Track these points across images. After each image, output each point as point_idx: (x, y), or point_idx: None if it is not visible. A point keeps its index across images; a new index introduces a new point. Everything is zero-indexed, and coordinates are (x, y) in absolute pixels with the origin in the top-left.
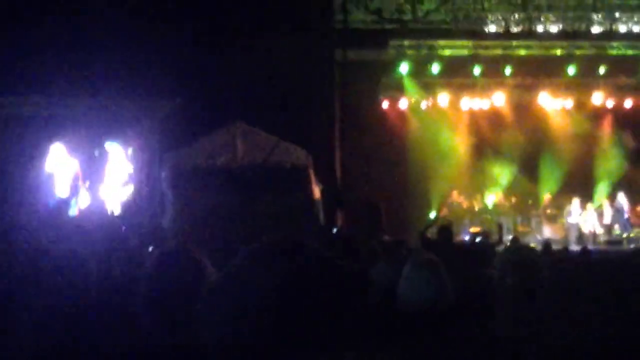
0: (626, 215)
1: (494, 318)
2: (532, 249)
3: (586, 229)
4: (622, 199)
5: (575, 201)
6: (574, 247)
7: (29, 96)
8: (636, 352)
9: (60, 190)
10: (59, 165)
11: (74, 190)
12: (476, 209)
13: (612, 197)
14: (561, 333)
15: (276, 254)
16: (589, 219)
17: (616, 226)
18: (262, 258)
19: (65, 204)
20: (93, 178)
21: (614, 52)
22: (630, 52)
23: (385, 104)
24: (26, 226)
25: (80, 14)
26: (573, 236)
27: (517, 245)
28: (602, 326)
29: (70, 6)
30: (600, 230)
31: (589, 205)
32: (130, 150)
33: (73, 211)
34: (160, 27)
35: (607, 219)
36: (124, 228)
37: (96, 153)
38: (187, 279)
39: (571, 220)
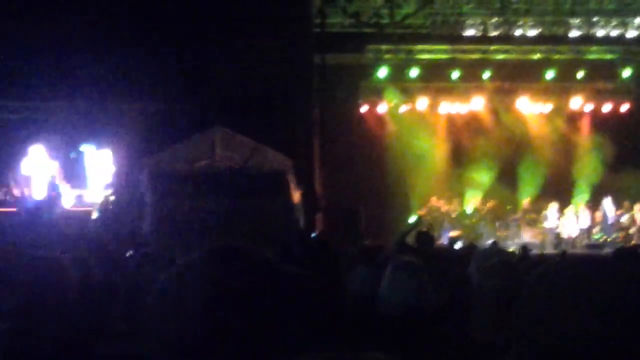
0: (611, 221)
1: (473, 322)
2: (509, 253)
3: (565, 234)
4: (607, 204)
5: (553, 206)
6: (552, 251)
7: (9, 100)
8: (616, 355)
9: (38, 192)
10: (37, 167)
11: (52, 192)
12: (455, 213)
13: (595, 202)
14: (539, 337)
15: (216, 261)
16: (567, 223)
17: (595, 230)
18: (201, 265)
19: (42, 205)
20: (73, 181)
21: (592, 56)
22: (608, 56)
23: (364, 108)
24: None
25: (59, 19)
26: (551, 240)
27: (495, 250)
28: (581, 331)
29: (50, 11)
30: (578, 234)
31: (568, 210)
32: (109, 154)
33: (51, 213)
34: (140, 32)
35: (586, 223)
36: (103, 232)
37: (72, 155)
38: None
39: (549, 224)
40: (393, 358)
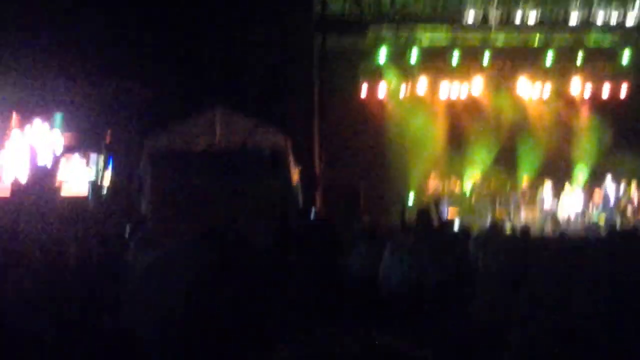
0: (612, 203)
1: (475, 301)
2: (510, 234)
3: (564, 214)
4: (609, 184)
5: (547, 184)
6: (549, 232)
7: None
8: (617, 333)
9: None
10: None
11: (46, 172)
12: (454, 193)
13: (593, 183)
14: (540, 316)
15: (199, 244)
16: (565, 203)
17: (593, 211)
18: (187, 246)
19: (47, 172)
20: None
21: (591, 41)
22: (607, 41)
23: (364, 90)
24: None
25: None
26: (546, 221)
27: (496, 230)
28: (581, 308)
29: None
30: (576, 215)
31: (566, 190)
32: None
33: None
34: (139, 11)
35: (584, 204)
36: (102, 214)
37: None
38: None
39: (544, 205)
40: (396, 338)
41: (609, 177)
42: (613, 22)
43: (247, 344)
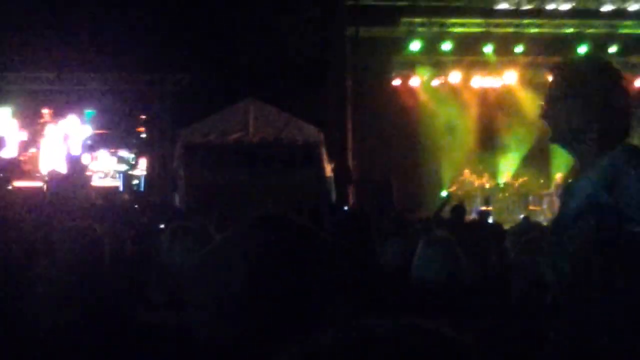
0: None
1: (511, 298)
2: (543, 228)
3: None
4: None
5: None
6: None
7: (46, 71)
8: None
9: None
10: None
11: (78, 163)
12: (487, 188)
13: None
14: (575, 316)
15: (259, 229)
16: None
17: None
18: (245, 234)
19: (80, 164)
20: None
21: (625, 30)
22: None
23: (396, 82)
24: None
25: None
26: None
27: (528, 224)
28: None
29: None
30: None
31: None
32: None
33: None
34: (171, 2)
35: None
36: (136, 206)
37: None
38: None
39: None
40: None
41: None
42: None
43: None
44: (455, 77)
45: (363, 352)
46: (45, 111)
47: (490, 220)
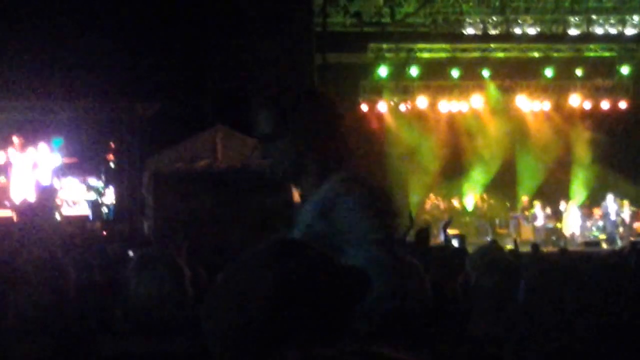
0: (613, 218)
1: (472, 320)
2: (507, 251)
3: (566, 231)
4: (610, 202)
5: (547, 203)
6: (549, 250)
7: (15, 100)
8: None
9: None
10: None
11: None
12: (455, 211)
13: (593, 200)
14: (539, 335)
15: (274, 255)
16: (567, 220)
17: (593, 227)
18: (260, 260)
19: (49, 192)
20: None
21: (590, 54)
22: (606, 54)
23: (364, 107)
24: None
25: (59, 16)
26: (546, 239)
27: (491, 247)
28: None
29: (50, 9)
30: (576, 232)
31: (568, 207)
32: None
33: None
34: (140, 30)
35: (584, 221)
36: (104, 233)
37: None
38: (167, 284)
39: (538, 223)
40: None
41: (609, 195)
42: (612, 32)
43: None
44: (422, 101)
45: None
46: (15, 140)
47: (456, 244)
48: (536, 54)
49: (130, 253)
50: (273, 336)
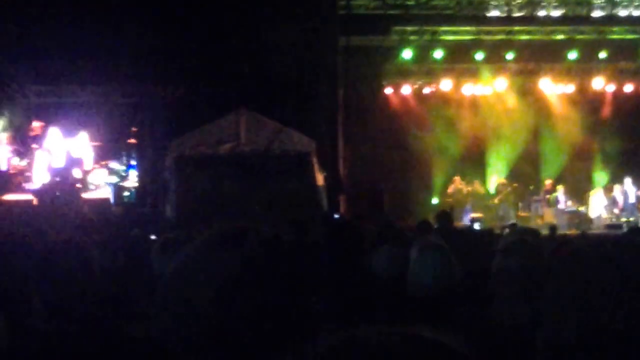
0: (631, 201)
1: (495, 303)
2: (533, 233)
3: (585, 215)
4: (628, 184)
5: (569, 187)
6: (571, 233)
7: (38, 84)
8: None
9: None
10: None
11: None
12: (477, 194)
13: (615, 182)
14: (563, 317)
15: (224, 243)
16: (587, 204)
17: (615, 210)
18: (210, 248)
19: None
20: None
21: (614, 36)
22: (630, 36)
23: (388, 90)
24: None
25: (82, 3)
26: (569, 222)
27: (517, 230)
28: (605, 311)
29: None
30: (599, 215)
31: (593, 191)
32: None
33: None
34: (164, 14)
35: (606, 204)
36: (126, 216)
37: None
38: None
39: (561, 206)
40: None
41: (628, 178)
42: (636, 14)
43: (278, 342)
44: (446, 84)
45: None
46: (36, 124)
47: (478, 227)
48: (560, 37)
49: (153, 237)
50: (225, 325)
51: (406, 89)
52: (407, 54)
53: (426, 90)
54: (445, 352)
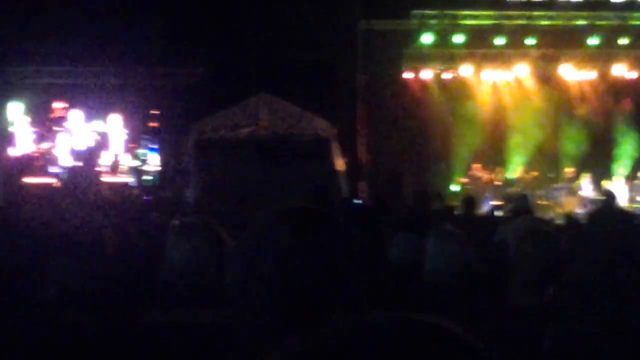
0: None
1: (511, 289)
2: (547, 220)
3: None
4: None
5: (590, 175)
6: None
7: (59, 65)
8: None
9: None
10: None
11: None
12: (498, 182)
13: (636, 171)
14: (575, 302)
15: (288, 220)
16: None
17: (638, 198)
18: (274, 225)
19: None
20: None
21: (635, 22)
22: None
23: (408, 75)
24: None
25: None
26: (586, 210)
27: (531, 216)
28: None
29: None
30: (624, 204)
31: (609, 180)
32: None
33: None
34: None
35: (627, 192)
36: (147, 200)
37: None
38: (204, 252)
39: (584, 194)
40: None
41: None
42: None
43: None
44: (466, 70)
45: (360, 346)
46: (58, 105)
47: (499, 213)
48: (581, 22)
49: (176, 222)
50: (281, 302)
51: (426, 74)
52: (426, 38)
53: (446, 76)
54: (447, 337)
